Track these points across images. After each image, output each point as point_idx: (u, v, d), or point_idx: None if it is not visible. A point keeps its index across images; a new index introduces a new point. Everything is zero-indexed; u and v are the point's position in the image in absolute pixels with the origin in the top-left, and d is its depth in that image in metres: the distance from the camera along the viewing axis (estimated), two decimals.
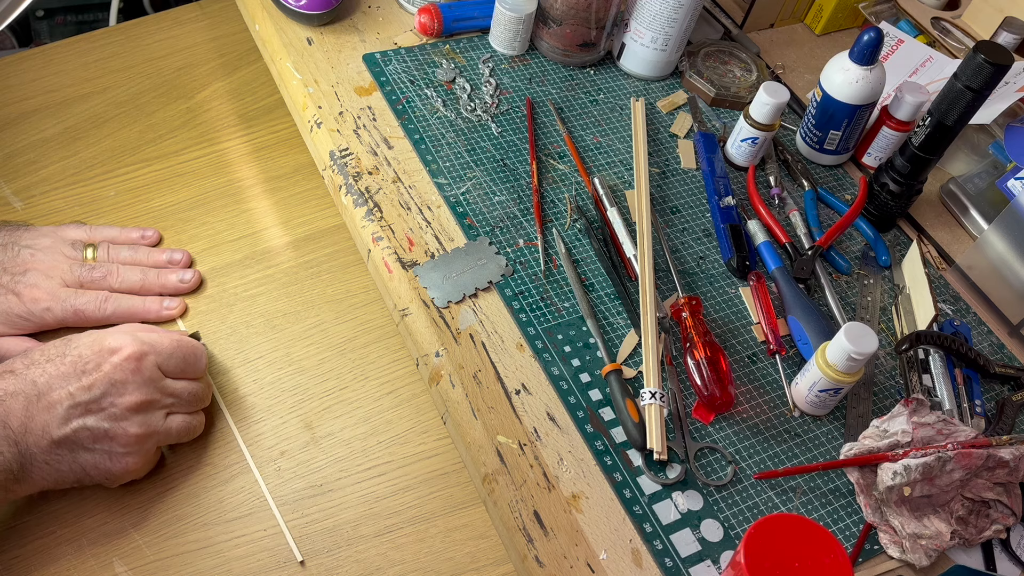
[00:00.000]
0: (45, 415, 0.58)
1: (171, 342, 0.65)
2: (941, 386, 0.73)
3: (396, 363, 0.75)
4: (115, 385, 0.60)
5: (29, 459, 0.58)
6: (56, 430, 0.58)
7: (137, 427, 0.61)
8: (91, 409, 0.60)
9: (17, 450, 0.57)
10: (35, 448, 0.58)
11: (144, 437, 0.62)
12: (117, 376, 0.61)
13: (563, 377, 0.69)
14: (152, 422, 0.63)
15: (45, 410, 0.58)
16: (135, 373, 0.61)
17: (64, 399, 0.59)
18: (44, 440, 0.58)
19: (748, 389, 0.72)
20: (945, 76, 0.94)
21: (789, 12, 1.05)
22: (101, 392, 0.60)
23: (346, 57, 0.89)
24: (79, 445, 0.60)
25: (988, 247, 0.81)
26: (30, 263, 0.71)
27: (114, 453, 0.61)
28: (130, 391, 0.61)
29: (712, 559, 0.62)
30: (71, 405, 0.59)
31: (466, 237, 0.76)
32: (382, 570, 0.64)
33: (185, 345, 0.66)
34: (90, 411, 0.60)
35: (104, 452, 0.61)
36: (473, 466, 0.66)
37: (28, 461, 0.58)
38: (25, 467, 0.58)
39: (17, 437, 0.57)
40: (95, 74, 0.93)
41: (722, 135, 0.91)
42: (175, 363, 0.65)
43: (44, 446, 0.58)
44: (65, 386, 0.59)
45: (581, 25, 0.90)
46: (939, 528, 0.65)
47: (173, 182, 0.85)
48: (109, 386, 0.60)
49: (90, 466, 0.61)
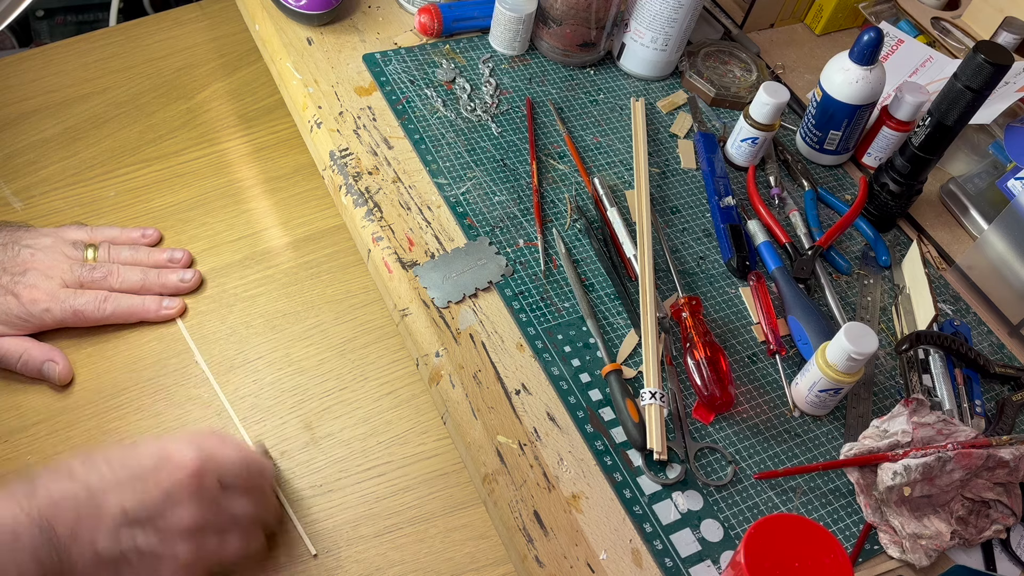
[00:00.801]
0: (94, 524, 0.54)
1: (236, 455, 0.61)
2: (941, 386, 0.73)
3: (396, 363, 0.75)
4: (171, 501, 0.56)
5: (70, 571, 0.53)
6: (103, 543, 0.54)
7: (188, 549, 0.57)
8: (142, 524, 0.55)
9: (59, 558, 0.52)
10: (78, 559, 0.53)
11: (194, 561, 0.58)
12: (175, 491, 0.56)
13: (563, 377, 0.69)
14: (205, 546, 0.58)
15: (95, 519, 0.54)
16: (193, 490, 0.57)
17: (115, 509, 0.55)
18: (89, 551, 0.54)
19: (748, 389, 0.72)
20: (945, 76, 0.94)
21: (789, 12, 1.05)
22: (155, 507, 0.56)
23: (346, 57, 0.89)
24: (125, 562, 0.55)
25: (988, 247, 0.81)
26: (30, 263, 0.71)
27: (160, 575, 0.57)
28: (186, 509, 0.57)
29: (712, 559, 0.62)
30: (122, 517, 0.55)
31: (466, 237, 0.76)
32: (382, 570, 0.64)
33: (251, 460, 0.62)
34: (141, 526, 0.55)
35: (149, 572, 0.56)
36: (473, 466, 0.66)
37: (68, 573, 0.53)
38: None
39: (61, 545, 0.53)
40: (95, 74, 0.93)
41: (722, 135, 0.91)
42: (238, 478, 0.60)
43: (88, 558, 0.54)
44: (119, 495, 0.55)
45: (581, 25, 0.90)
46: (939, 528, 0.65)
47: (173, 182, 0.85)
48: (164, 501, 0.56)
49: None
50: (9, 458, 0.66)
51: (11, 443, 0.67)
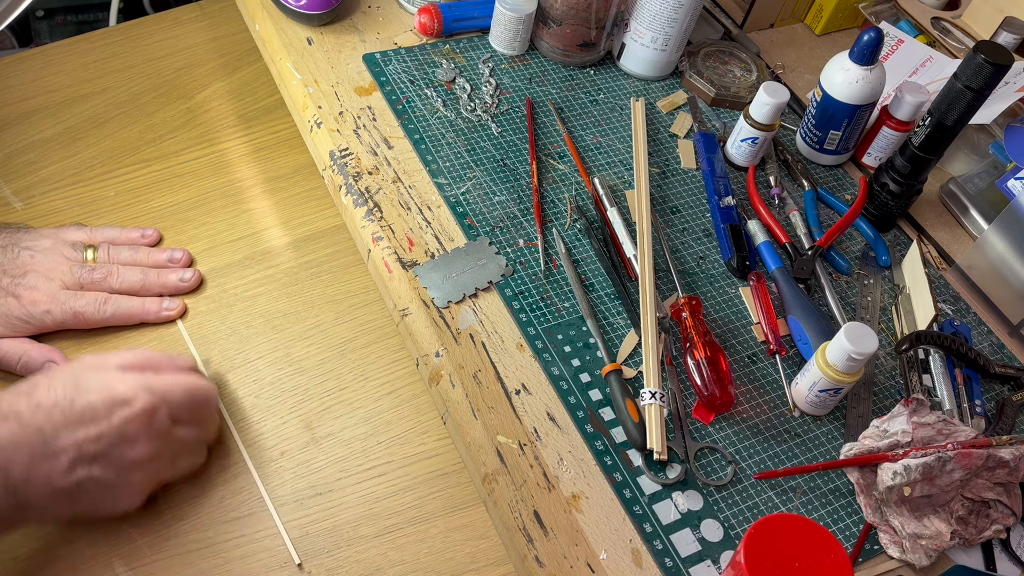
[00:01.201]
0: (49, 465, 0.56)
1: (183, 390, 0.63)
2: (941, 386, 0.73)
3: (396, 363, 0.75)
4: (125, 438, 0.58)
5: (26, 505, 0.55)
6: (60, 479, 0.56)
7: (143, 477, 0.60)
8: (97, 460, 0.57)
9: (16, 500, 0.54)
10: (35, 496, 0.55)
11: (148, 485, 0.61)
12: (128, 430, 0.58)
13: (563, 377, 0.69)
14: (158, 470, 0.61)
15: (50, 459, 0.56)
16: (146, 428, 0.59)
17: (70, 449, 0.56)
18: (46, 489, 0.56)
19: (748, 389, 0.72)
20: (945, 76, 0.94)
21: (789, 12, 1.05)
22: (109, 444, 0.57)
23: (346, 57, 0.89)
24: (82, 493, 0.57)
25: (988, 247, 0.81)
26: (30, 265, 0.71)
27: (117, 498, 0.60)
28: (140, 445, 0.59)
29: (712, 559, 0.62)
30: (77, 456, 0.56)
31: (466, 237, 0.76)
32: (382, 570, 0.64)
33: (197, 392, 0.64)
34: (96, 462, 0.57)
35: (107, 498, 0.59)
36: (473, 466, 0.66)
37: (24, 506, 0.55)
38: (20, 511, 0.55)
39: (17, 486, 0.54)
40: (95, 74, 0.93)
41: (722, 135, 0.91)
42: (186, 411, 0.63)
43: (45, 493, 0.56)
44: (72, 435, 0.56)
45: (581, 25, 0.90)
46: (939, 528, 0.65)
47: (173, 182, 0.85)
48: (119, 439, 0.58)
49: (89, 510, 0.59)
50: None
51: None
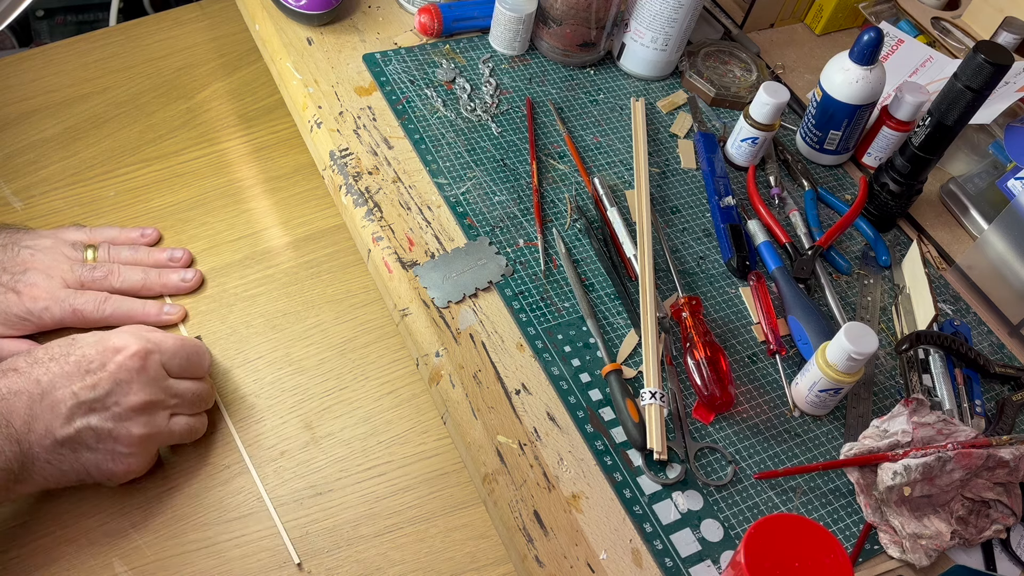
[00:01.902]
0: (49, 414, 0.58)
1: (175, 341, 0.65)
2: (941, 386, 0.73)
3: (396, 363, 0.75)
4: (120, 384, 0.60)
5: (31, 458, 0.57)
6: (60, 429, 0.58)
7: (141, 427, 0.61)
8: (95, 408, 0.59)
9: (19, 449, 0.56)
10: (38, 447, 0.57)
11: (147, 438, 0.62)
12: (122, 375, 0.60)
13: (563, 377, 0.69)
14: (156, 423, 0.63)
15: (49, 409, 0.58)
16: (140, 372, 0.61)
17: (68, 398, 0.58)
18: (47, 439, 0.58)
19: (748, 389, 0.72)
20: (945, 76, 0.94)
21: (789, 12, 1.05)
22: (106, 391, 0.60)
23: (346, 57, 0.89)
24: (82, 444, 0.59)
25: (988, 247, 0.81)
26: (30, 262, 0.71)
27: (117, 453, 0.61)
28: (135, 391, 0.61)
29: (712, 559, 0.62)
30: (75, 404, 0.58)
31: (466, 237, 0.76)
32: (382, 570, 0.64)
33: (189, 345, 0.67)
34: (94, 410, 0.59)
35: (107, 452, 0.60)
36: (473, 466, 0.66)
37: (30, 460, 0.57)
38: (27, 466, 0.57)
39: (20, 436, 0.56)
40: (95, 74, 0.93)
41: (722, 135, 0.91)
42: (179, 362, 0.65)
43: (47, 445, 0.58)
44: (69, 385, 0.59)
45: (581, 25, 0.90)
46: (939, 528, 0.65)
47: (173, 182, 0.85)
48: (114, 385, 0.60)
49: (92, 466, 0.60)
50: None
51: None
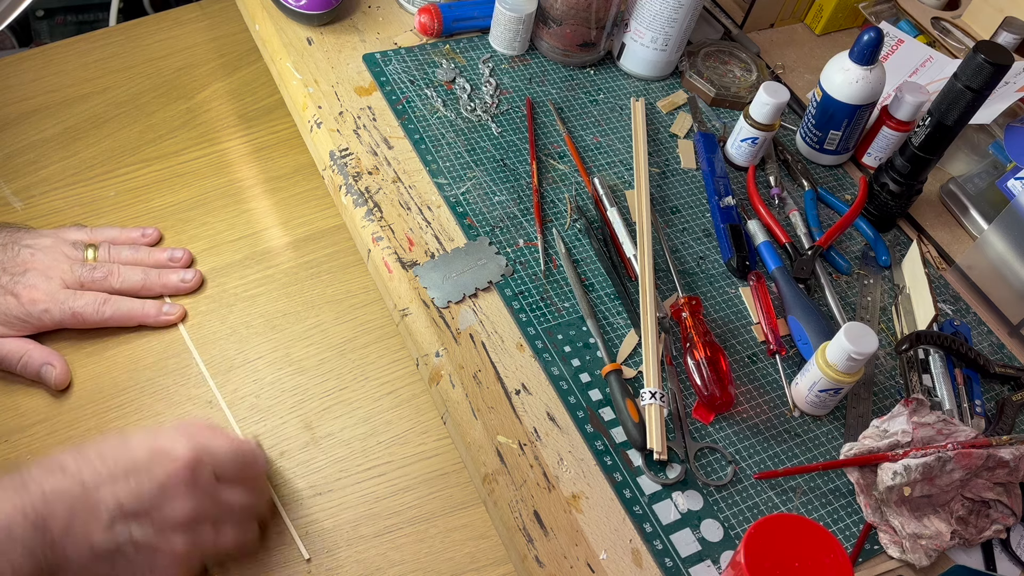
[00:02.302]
0: (89, 519, 0.53)
1: (229, 446, 0.61)
2: (941, 386, 0.73)
3: (396, 363, 0.75)
4: (166, 493, 0.56)
5: (64, 565, 0.53)
6: (98, 536, 0.54)
7: (184, 541, 0.57)
8: (138, 517, 0.55)
9: (53, 554, 0.52)
10: (73, 554, 0.53)
11: (190, 553, 0.57)
12: (169, 484, 0.56)
13: (563, 377, 0.69)
14: (201, 538, 0.58)
15: (89, 513, 0.53)
16: (188, 482, 0.57)
17: (110, 502, 0.54)
18: (84, 546, 0.53)
19: (748, 389, 0.72)
20: (945, 76, 0.94)
21: (789, 12, 1.05)
22: (150, 500, 0.55)
23: (346, 57, 0.89)
24: (120, 555, 0.55)
25: (988, 247, 0.81)
26: (30, 263, 0.71)
27: (156, 567, 0.56)
28: (181, 501, 0.56)
29: (712, 559, 0.62)
30: (117, 511, 0.54)
31: (466, 237, 0.76)
32: (382, 570, 0.64)
33: (244, 450, 0.62)
34: (136, 519, 0.55)
35: (145, 565, 0.56)
36: (473, 466, 0.66)
37: (63, 567, 0.53)
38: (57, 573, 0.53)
39: (55, 541, 0.52)
40: (95, 74, 0.93)
41: (722, 135, 0.91)
42: (232, 469, 0.60)
43: (83, 553, 0.53)
44: (113, 489, 0.54)
45: (581, 25, 0.90)
46: (939, 528, 0.65)
47: (173, 182, 0.85)
48: (159, 494, 0.56)
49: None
50: (9, 458, 0.66)
51: (11, 443, 0.67)
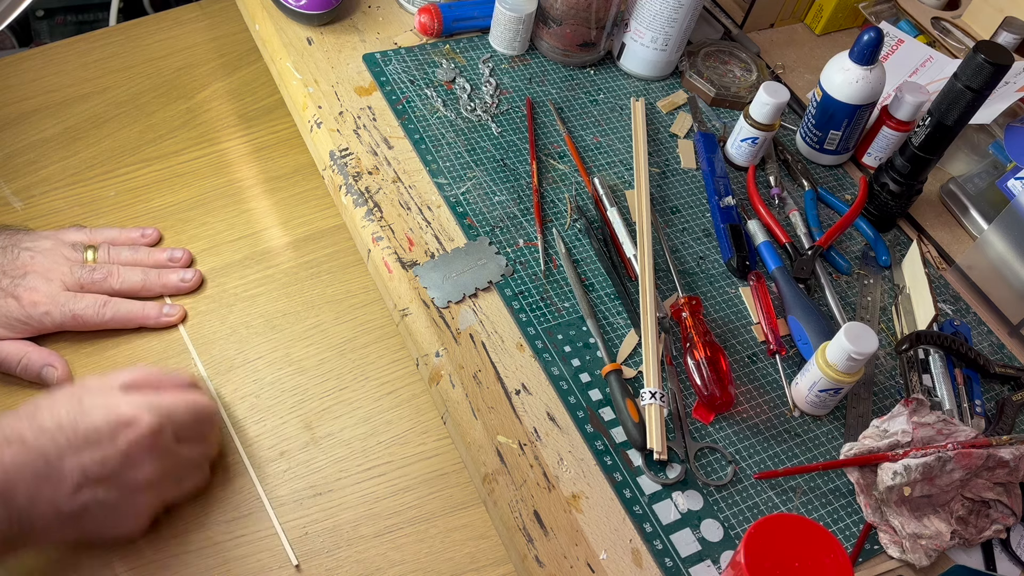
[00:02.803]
0: (54, 488, 0.55)
1: (186, 408, 0.62)
2: (941, 386, 0.73)
3: (396, 363, 0.75)
4: (130, 460, 0.58)
5: (30, 529, 0.55)
6: (65, 502, 0.55)
7: (149, 498, 0.60)
8: (103, 482, 0.57)
9: (20, 526, 0.54)
10: (39, 520, 0.55)
11: (154, 507, 0.61)
12: (132, 452, 0.58)
13: (563, 377, 0.69)
14: (164, 492, 0.61)
15: (54, 483, 0.55)
16: (151, 449, 0.59)
17: (75, 471, 0.56)
18: (50, 513, 0.55)
19: (748, 389, 0.72)
20: (945, 76, 0.94)
21: (789, 12, 1.05)
22: (115, 467, 0.57)
23: (346, 57, 0.89)
24: (87, 515, 0.57)
25: (988, 247, 0.81)
26: (30, 266, 0.71)
27: (121, 522, 0.59)
28: (145, 466, 0.58)
29: (712, 559, 0.62)
30: (82, 479, 0.56)
31: (466, 237, 0.76)
32: (382, 570, 0.64)
33: (201, 409, 0.64)
34: (101, 484, 0.57)
35: (112, 520, 0.59)
36: (473, 466, 0.66)
37: (28, 531, 0.55)
38: (24, 536, 0.55)
39: (21, 510, 0.54)
40: (95, 74, 0.93)
41: (722, 135, 0.91)
42: (190, 429, 0.63)
43: (50, 517, 0.55)
44: (76, 458, 0.56)
45: (581, 25, 0.90)
46: (939, 528, 0.65)
47: (173, 182, 0.85)
48: (124, 461, 0.57)
49: (94, 533, 0.59)
50: None
51: None
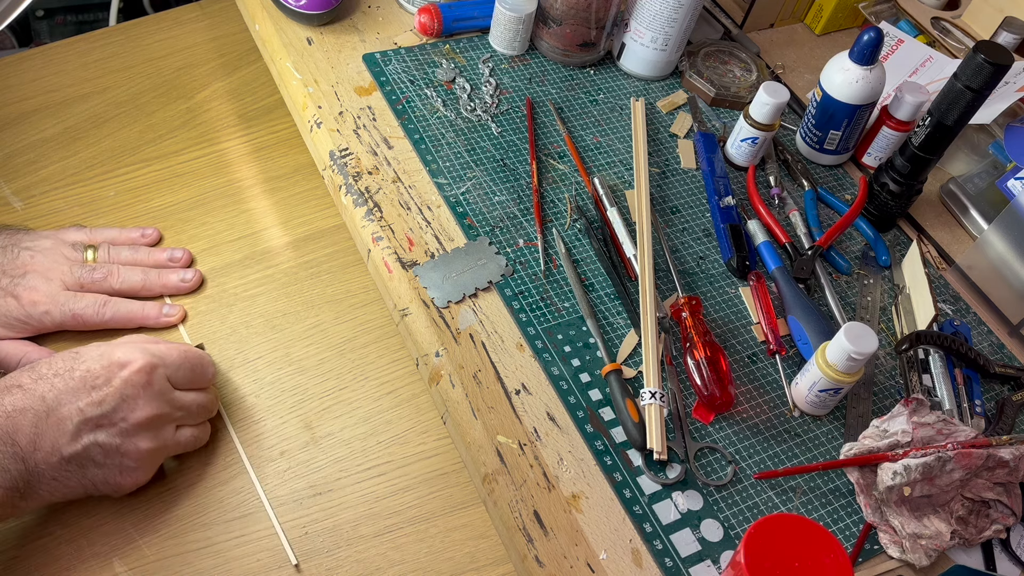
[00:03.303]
0: (55, 431, 0.57)
1: (179, 353, 0.65)
2: (941, 386, 0.73)
3: (396, 363, 0.75)
4: (126, 400, 0.60)
5: (37, 476, 0.56)
6: (66, 447, 0.57)
7: (148, 442, 0.61)
8: (102, 424, 0.59)
9: (24, 467, 0.56)
10: (43, 465, 0.56)
11: (154, 451, 0.62)
12: (128, 391, 0.60)
13: (563, 377, 0.69)
14: (163, 436, 0.62)
15: (55, 426, 0.57)
16: (146, 387, 0.61)
17: (74, 414, 0.57)
18: (54, 457, 0.57)
19: (748, 389, 0.72)
20: (945, 76, 0.94)
21: (789, 12, 1.05)
22: (112, 407, 0.59)
23: (346, 57, 0.89)
24: (90, 460, 0.59)
25: (988, 247, 0.81)
26: (30, 265, 0.71)
27: (124, 467, 0.61)
28: (141, 406, 0.60)
29: (712, 559, 0.62)
30: (81, 421, 0.58)
31: (466, 237, 0.76)
32: (382, 570, 0.64)
33: (193, 356, 0.66)
34: (101, 426, 0.59)
35: (114, 466, 0.60)
36: (473, 466, 0.66)
37: (35, 478, 0.56)
38: (32, 484, 0.56)
39: (25, 454, 0.56)
40: (95, 74, 0.93)
41: (722, 135, 0.91)
42: (184, 374, 0.64)
43: (53, 463, 0.57)
44: (75, 401, 0.58)
45: (581, 25, 0.90)
46: (939, 528, 0.65)
47: (173, 182, 0.85)
48: (120, 401, 0.59)
49: (99, 480, 0.60)
50: None
51: None
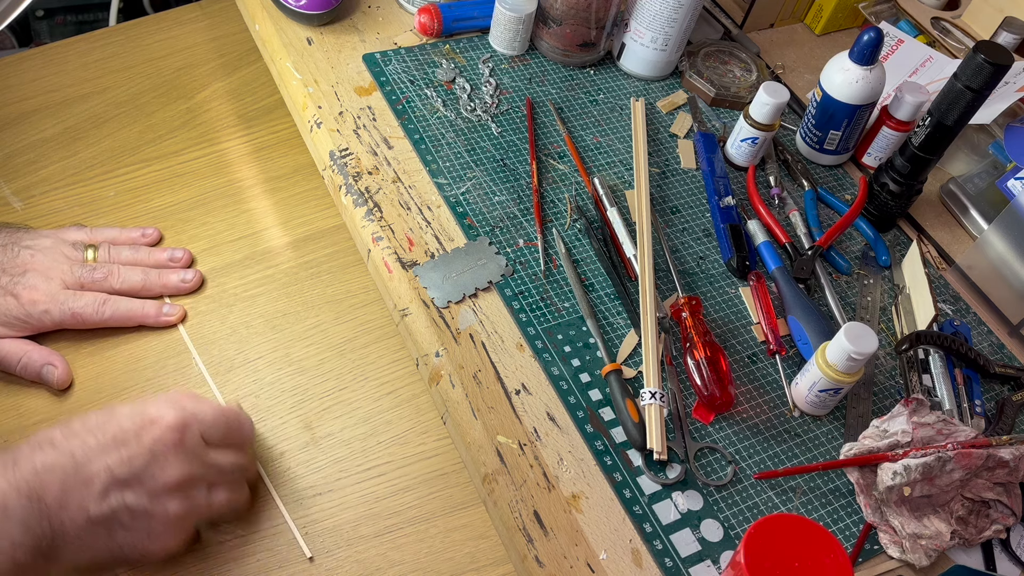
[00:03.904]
0: (82, 490, 0.54)
1: (214, 410, 0.62)
2: (941, 386, 0.73)
3: (396, 363, 0.75)
4: (156, 459, 0.57)
5: (62, 536, 0.54)
6: (93, 506, 0.55)
7: (178, 505, 0.58)
8: (130, 484, 0.56)
9: (51, 526, 0.53)
10: (69, 524, 0.54)
11: (185, 516, 0.59)
12: (159, 449, 0.57)
13: (563, 377, 0.69)
14: (194, 499, 0.59)
15: (82, 485, 0.55)
16: (177, 445, 0.58)
17: (102, 473, 0.55)
18: (80, 517, 0.54)
19: (748, 389, 0.72)
20: (945, 76, 0.94)
21: (789, 12, 1.05)
22: (141, 466, 0.56)
23: (346, 57, 0.89)
24: (117, 523, 0.56)
25: (988, 247, 0.81)
26: (30, 264, 0.71)
27: (153, 532, 0.58)
28: (172, 465, 0.58)
29: (712, 559, 0.62)
30: (110, 480, 0.55)
31: (466, 237, 0.76)
32: (382, 570, 0.64)
33: (229, 413, 0.63)
34: (129, 486, 0.56)
35: (143, 531, 0.57)
36: (473, 466, 0.67)
37: (61, 539, 0.54)
38: (57, 545, 0.54)
39: (51, 513, 0.53)
40: (95, 74, 0.93)
41: (722, 135, 0.91)
42: (219, 432, 0.62)
43: (80, 523, 0.54)
44: (104, 459, 0.55)
45: (581, 25, 0.90)
46: (939, 528, 0.65)
47: (173, 182, 0.85)
48: (150, 459, 0.57)
49: (128, 546, 0.57)
50: None
51: (11, 443, 0.67)
